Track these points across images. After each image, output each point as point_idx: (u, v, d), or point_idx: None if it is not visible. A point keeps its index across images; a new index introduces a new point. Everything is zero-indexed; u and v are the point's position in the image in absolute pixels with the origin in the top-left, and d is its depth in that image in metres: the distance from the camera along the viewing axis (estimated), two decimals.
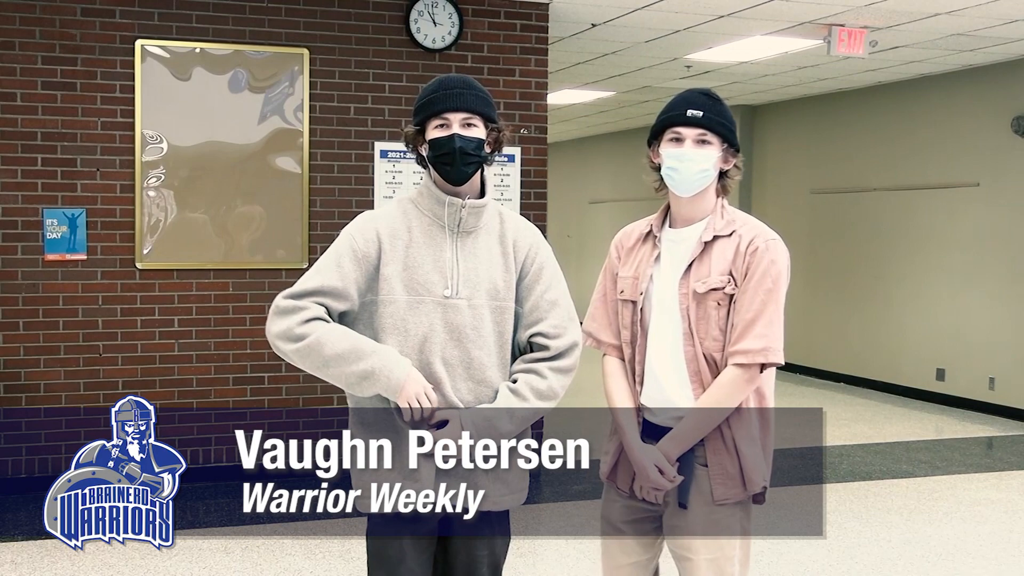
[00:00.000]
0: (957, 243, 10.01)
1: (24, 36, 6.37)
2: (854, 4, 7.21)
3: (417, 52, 7.05)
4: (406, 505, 2.63)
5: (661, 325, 2.86)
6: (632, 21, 7.84)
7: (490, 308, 2.77)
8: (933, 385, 10.28)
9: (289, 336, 2.66)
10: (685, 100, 2.88)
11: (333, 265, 2.72)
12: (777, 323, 2.80)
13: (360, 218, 2.83)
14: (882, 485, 7.02)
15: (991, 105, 9.63)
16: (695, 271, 2.83)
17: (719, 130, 2.85)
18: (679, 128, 2.85)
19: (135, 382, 6.64)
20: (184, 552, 5.40)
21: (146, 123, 6.57)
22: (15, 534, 5.69)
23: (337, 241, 2.78)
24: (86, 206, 6.50)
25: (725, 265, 2.81)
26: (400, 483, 2.63)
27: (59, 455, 6.51)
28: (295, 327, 2.66)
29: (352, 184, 6.95)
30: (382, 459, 2.64)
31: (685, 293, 2.83)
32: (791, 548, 5.60)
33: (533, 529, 6.13)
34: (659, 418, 2.86)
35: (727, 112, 2.90)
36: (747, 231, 2.85)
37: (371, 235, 2.75)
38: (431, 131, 2.79)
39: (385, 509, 2.64)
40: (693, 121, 2.84)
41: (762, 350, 2.76)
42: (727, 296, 2.80)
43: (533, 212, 7.38)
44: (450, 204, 2.79)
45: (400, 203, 2.86)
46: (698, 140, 2.84)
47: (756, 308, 2.77)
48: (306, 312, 2.67)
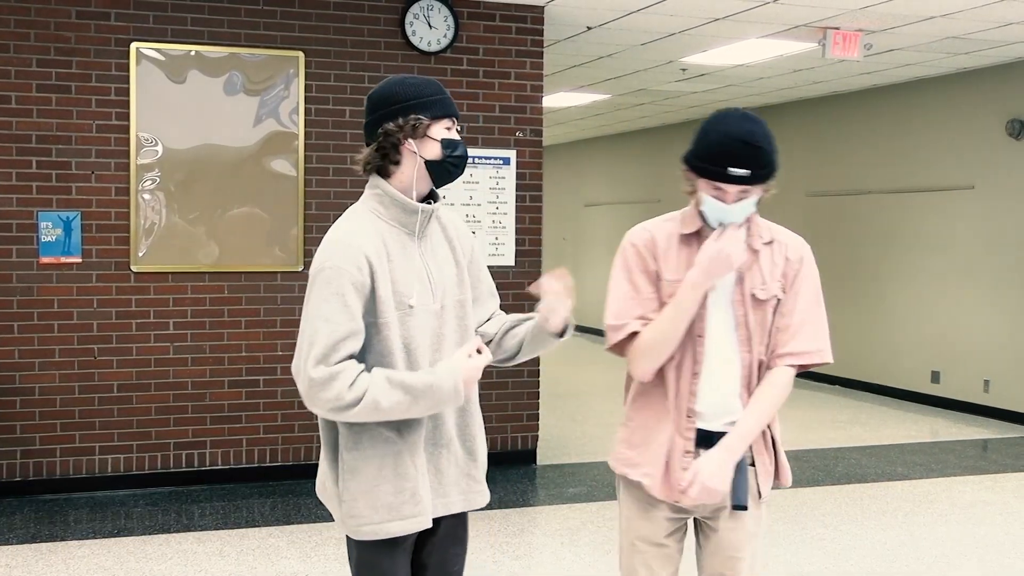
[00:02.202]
0: (952, 245, 10.02)
1: (19, 39, 6.36)
2: (849, 7, 7.23)
3: (412, 55, 7.05)
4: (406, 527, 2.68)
5: (718, 331, 2.84)
6: (627, 24, 7.84)
7: (455, 305, 2.77)
8: (928, 387, 10.30)
9: (341, 406, 2.52)
10: (730, 154, 2.69)
11: (340, 307, 2.54)
12: (825, 325, 2.93)
13: (339, 245, 2.60)
14: (877, 487, 7.03)
15: (986, 108, 9.65)
16: (748, 279, 2.84)
17: (767, 179, 2.77)
18: (720, 184, 2.72)
19: (130, 385, 6.63)
20: (179, 555, 5.39)
21: (141, 126, 6.57)
22: (10, 538, 5.68)
23: (328, 278, 2.56)
24: (81, 209, 6.50)
25: (777, 272, 2.86)
26: (404, 506, 2.66)
27: (54, 458, 6.50)
28: (344, 394, 2.51)
29: (347, 187, 6.95)
30: (391, 481, 2.65)
31: (741, 300, 2.83)
32: (786, 551, 5.60)
33: (529, 532, 6.13)
34: (714, 424, 2.85)
35: (772, 155, 2.75)
36: (787, 239, 2.93)
37: (362, 262, 2.58)
38: (441, 130, 2.72)
39: (393, 534, 2.68)
40: (745, 180, 2.71)
41: (817, 351, 2.88)
42: (777, 302, 2.86)
43: (528, 215, 7.38)
44: (423, 211, 2.70)
45: (362, 216, 2.68)
46: (741, 192, 2.74)
47: (806, 310, 2.86)
48: (345, 375, 2.51)
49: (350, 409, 2.52)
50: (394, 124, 2.65)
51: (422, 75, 2.79)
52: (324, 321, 2.54)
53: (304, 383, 2.54)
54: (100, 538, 5.68)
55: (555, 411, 8.54)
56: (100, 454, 6.59)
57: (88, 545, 5.57)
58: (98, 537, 5.70)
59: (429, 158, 2.69)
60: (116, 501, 6.40)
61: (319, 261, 2.61)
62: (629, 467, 2.91)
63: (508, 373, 7.32)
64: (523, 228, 7.37)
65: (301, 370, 2.55)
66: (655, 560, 2.91)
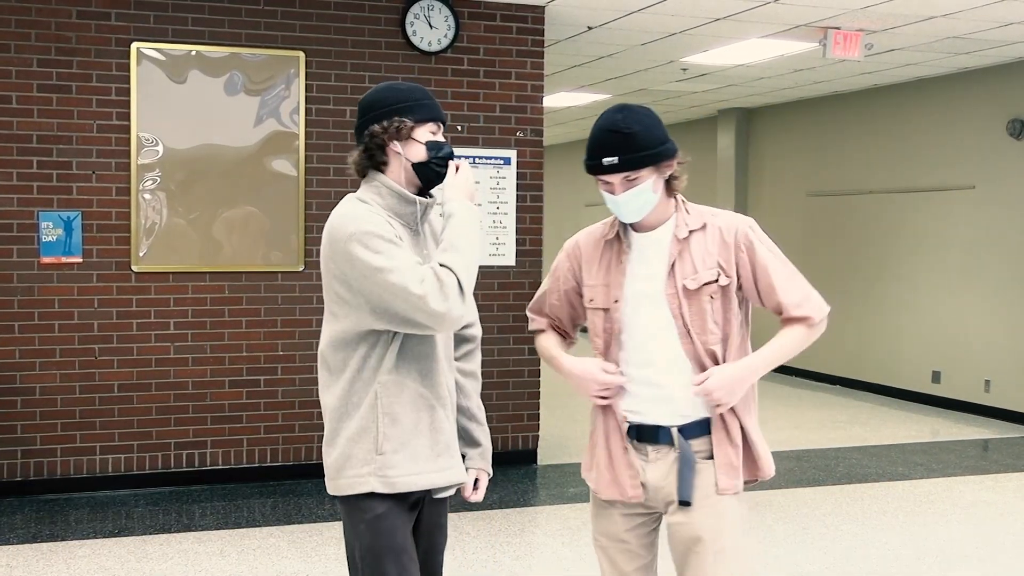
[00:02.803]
0: (953, 246, 10.02)
1: (19, 39, 6.36)
2: (850, 7, 7.22)
3: (413, 55, 7.05)
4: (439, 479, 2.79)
5: (653, 327, 2.86)
6: (628, 24, 7.84)
7: None
8: (929, 387, 10.29)
9: (459, 292, 2.63)
10: (600, 145, 2.77)
11: (394, 248, 2.61)
12: (803, 280, 2.89)
13: (361, 209, 2.68)
14: (878, 487, 7.03)
15: (986, 108, 9.65)
16: (679, 270, 2.83)
17: (641, 164, 2.78)
18: (602, 176, 2.80)
19: (130, 385, 6.63)
20: (180, 555, 5.39)
21: (142, 126, 6.57)
22: (11, 537, 5.68)
23: (366, 234, 2.60)
24: (81, 209, 6.50)
25: (710, 258, 2.82)
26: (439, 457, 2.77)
27: (55, 458, 6.51)
28: (452, 285, 2.63)
29: (348, 187, 6.94)
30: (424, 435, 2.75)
31: (674, 293, 2.82)
32: (787, 551, 5.60)
33: (529, 531, 6.13)
34: (653, 419, 2.85)
35: (644, 138, 2.76)
36: (721, 221, 2.87)
37: (387, 226, 2.66)
38: (426, 133, 2.78)
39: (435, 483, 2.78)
40: (614, 168, 2.76)
41: (805, 299, 2.85)
42: (720, 288, 2.81)
43: (529, 215, 7.38)
44: (420, 203, 2.78)
45: (366, 207, 2.72)
46: (625, 181, 2.78)
47: (778, 273, 2.84)
48: (436, 278, 2.62)
49: (463, 292, 2.62)
50: (379, 126, 2.74)
51: (413, 82, 2.85)
52: (398, 266, 2.58)
53: (438, 313, 2.58)
54: (101, 538, 5.68)
55: (556, 411, 8.53)
56: (101, 454, 6.60)
57: (89, 545, 5.57)
58: (99, 537, 5.70)
59: (415, 160, 2.76)
60: (117, 501, 6.40)
61: (346, 229, 2.64)
62: (585, 470, 3.03)
63: (509, 373, 7.32)
64: (524, 228, 7.37)
65: (411, 307, 2.58)
66: (619, 555, 2.97)
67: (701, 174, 13.73)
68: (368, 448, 2.71)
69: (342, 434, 2.75)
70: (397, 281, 2.56)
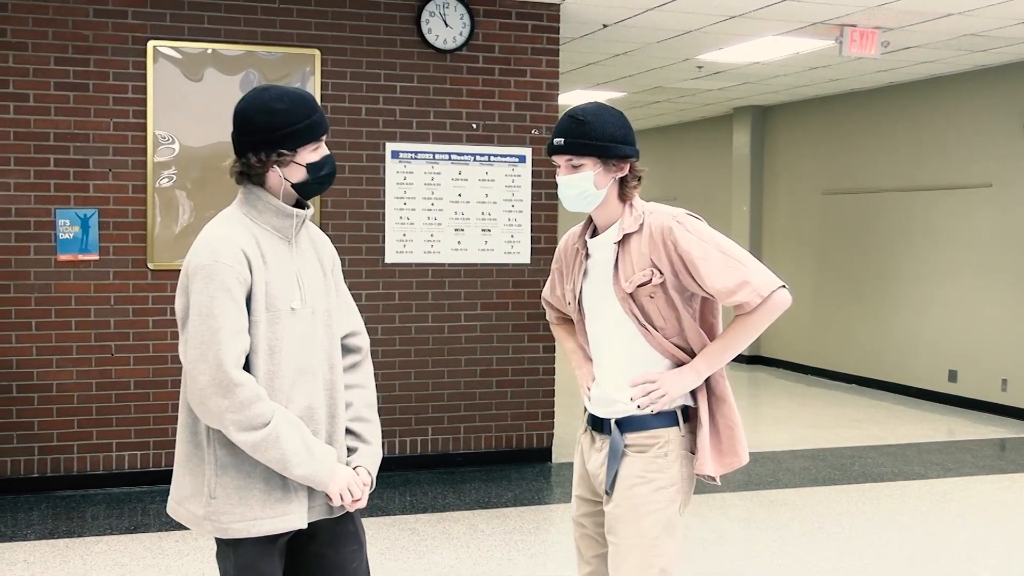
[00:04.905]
0: (969, 244, 9.97)
1: (37, 37, 6.39)
2: (866, 4, 7.20)
3: (428, 53, 7.06)
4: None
5: (609, 330, 2.98)
6: (643, 22, 7.83)
7: (323, 312, 2.78)
8: (945, 386, 10.25)
9: (245, 420, 2.55)
10: (557, 127, 2.92)
11: (229, 302, 2.57)
12: (742, 265, 2.83)
13: (219, 240, 2.62)
14: (894, 487, 7.00)
15: (1004, 106, 9.60)
16: (622, 272, 2.92)
17: (585, 151, 2.86)
18: (553, 156, 2.94)
19: (147, 382, 6.65)
20: (196, 551, 5.41)
21: (158, 124, 6.59)
22: (27, 534, 5.71)
23: (211, 274, 2.57)
24: (98, 206, 6.53)
25: (643, 260, 2.88)
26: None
27: (71, 455, 6.54)
28: (256, 407, 2.56)
29: (363, 184, 6.97)
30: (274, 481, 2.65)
31: (622, 296, 2.92)
32: (803, 550, 5.59)
33: (544, 529, 6.13)
34: (605, 411, 3.00)
35: (596, 129, 2.85)
36: (654, 219, 2.91)
37: (241, 257, 2.61)
38: (307, 154, 2.70)
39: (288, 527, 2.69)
40: (559, 149, 2.89)
41: (737, 287, 2.80)
42: (657, 286, 2.87)
43: (544, 213, 7.37)
44: (297, 216, 2.73)
45: (234, 220, 2.70)
46: (569, 166, 2.90)
47: (711, 267, 2.81)
48: (258, 390, 2.58)
49: (254, 431, 2.55)
50: (256, 159, 2.66)
51: (293, 90, 2.73)
52: (220, 319, 2.55)
53: (213, 381, 2.53)
54: (117, 534, 5.71)
55: (571, 409, 8.52)
56: (117, 451, 6.62)
57: (105, 541, 5.60)
58: (115, 533, 5.73)
59: (295, 181, 2.73)
60: (133, 497, 6.43)
61: (198, 259, 2.61)
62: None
63: (523, 371, 7.32)
64: (538, 226, 7.37)
65: (210, 365, 2.53)
66: (580, 540, 3.18)
67: (716, 172, 13.71)
68: (203, 490, 2.67)
69: (188, 463, 2.72)
70: (208, 336, 2.55)
